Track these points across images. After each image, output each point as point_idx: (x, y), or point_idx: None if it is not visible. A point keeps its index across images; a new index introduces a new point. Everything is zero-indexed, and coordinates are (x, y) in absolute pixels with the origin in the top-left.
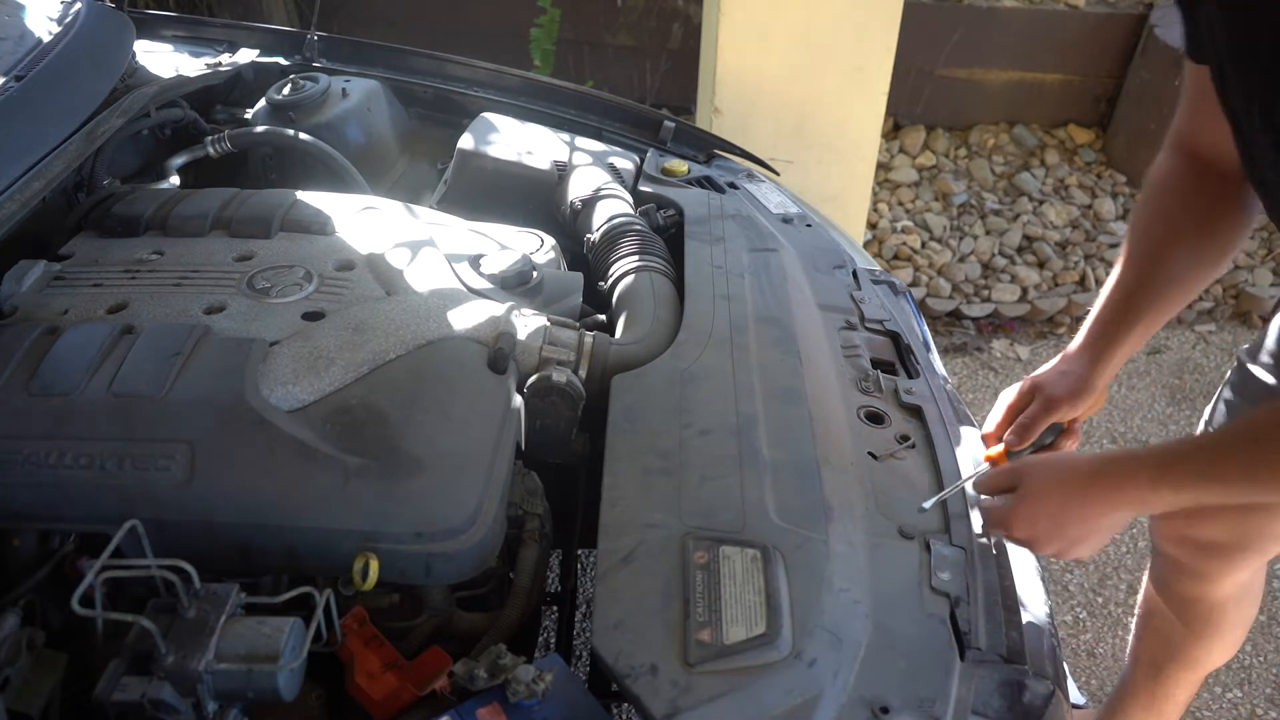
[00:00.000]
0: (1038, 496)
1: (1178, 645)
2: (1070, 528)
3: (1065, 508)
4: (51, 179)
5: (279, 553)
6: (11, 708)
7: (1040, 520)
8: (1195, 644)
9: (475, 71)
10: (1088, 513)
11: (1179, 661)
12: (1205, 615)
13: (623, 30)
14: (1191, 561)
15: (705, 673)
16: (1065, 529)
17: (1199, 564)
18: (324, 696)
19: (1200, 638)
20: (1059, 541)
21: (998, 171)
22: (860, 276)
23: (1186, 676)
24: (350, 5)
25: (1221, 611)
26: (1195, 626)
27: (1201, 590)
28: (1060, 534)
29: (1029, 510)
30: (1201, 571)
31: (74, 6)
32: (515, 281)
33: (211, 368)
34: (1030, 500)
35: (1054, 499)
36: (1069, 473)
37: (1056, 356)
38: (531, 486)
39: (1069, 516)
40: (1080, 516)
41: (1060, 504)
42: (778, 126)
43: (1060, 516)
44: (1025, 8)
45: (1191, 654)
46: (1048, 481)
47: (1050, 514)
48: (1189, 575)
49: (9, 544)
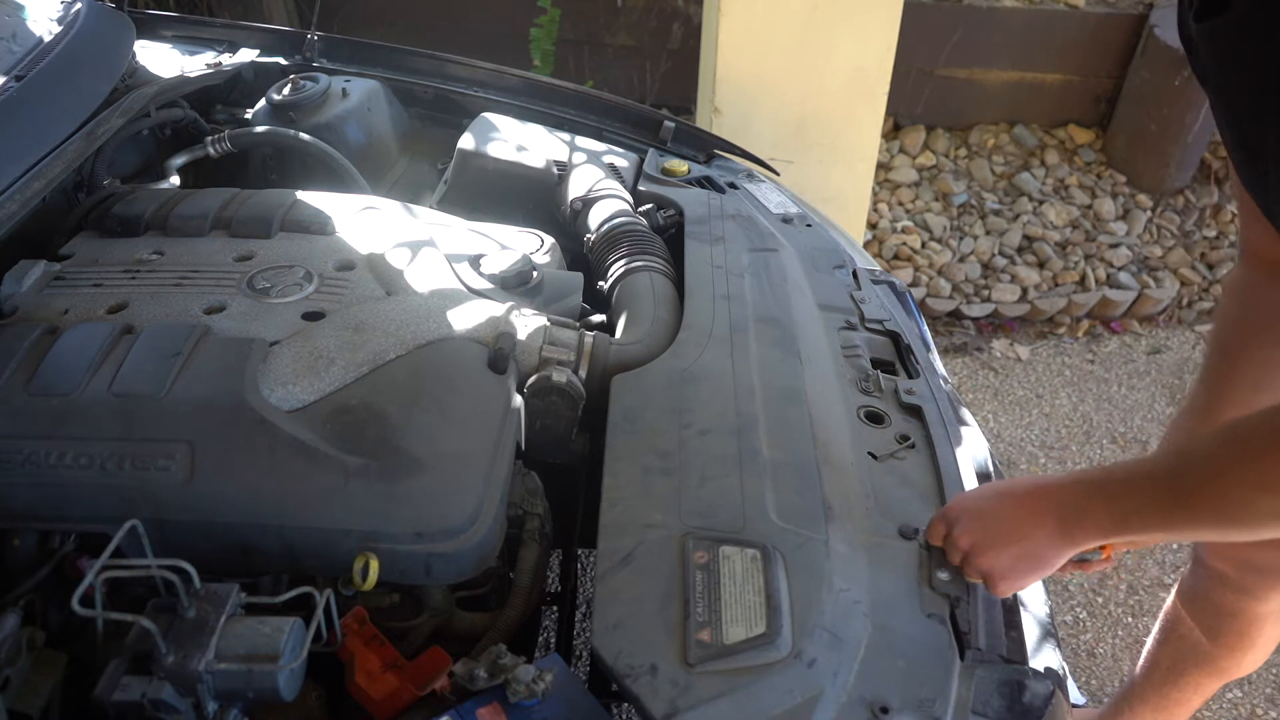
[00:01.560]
0: (970, 511)
1: (1205, 654)
2: (1002, 547)
3: (999, 520)
4: (51, 179)
5: (279, 553)
6: (11, 708)
7: (977, 533)
8: (1225, 655)
9: (475, 71)
10: (1019, 530)
11: (1204, 669)
12: (1243, 629)
13: (623, 30)
14: (1239, 577)
15: (705, 673)
16: (1001, 544)
17: (1247, 580)
18: (324, 696)
19: (1233, 650)
20: (991, 558)
21: (998, 171)
22: (860, 276)
23: (1208, 683)
24: (350, 5)
25: (1260, 627)
26: (1229, 640)
27: (1243, 605)
28: (993, 551)
29: (966, 525)
30: (1248, 587)
31: (74, 6)
32: (515, 281)
33: (211, 368)
34: (968, 521)
35: (987, 510)
36: (1007, 491)
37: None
38: (531, 486)
39: (1002, 529)
40: (1013, 533)
41: (994, 516)
42: (778, 126)
43: (993, 527)
44: (1025, 8)
45: (1220, 664)
46: (980, 496)
47: (990, 532)
48: (1234, 589)
49: (9, 544)
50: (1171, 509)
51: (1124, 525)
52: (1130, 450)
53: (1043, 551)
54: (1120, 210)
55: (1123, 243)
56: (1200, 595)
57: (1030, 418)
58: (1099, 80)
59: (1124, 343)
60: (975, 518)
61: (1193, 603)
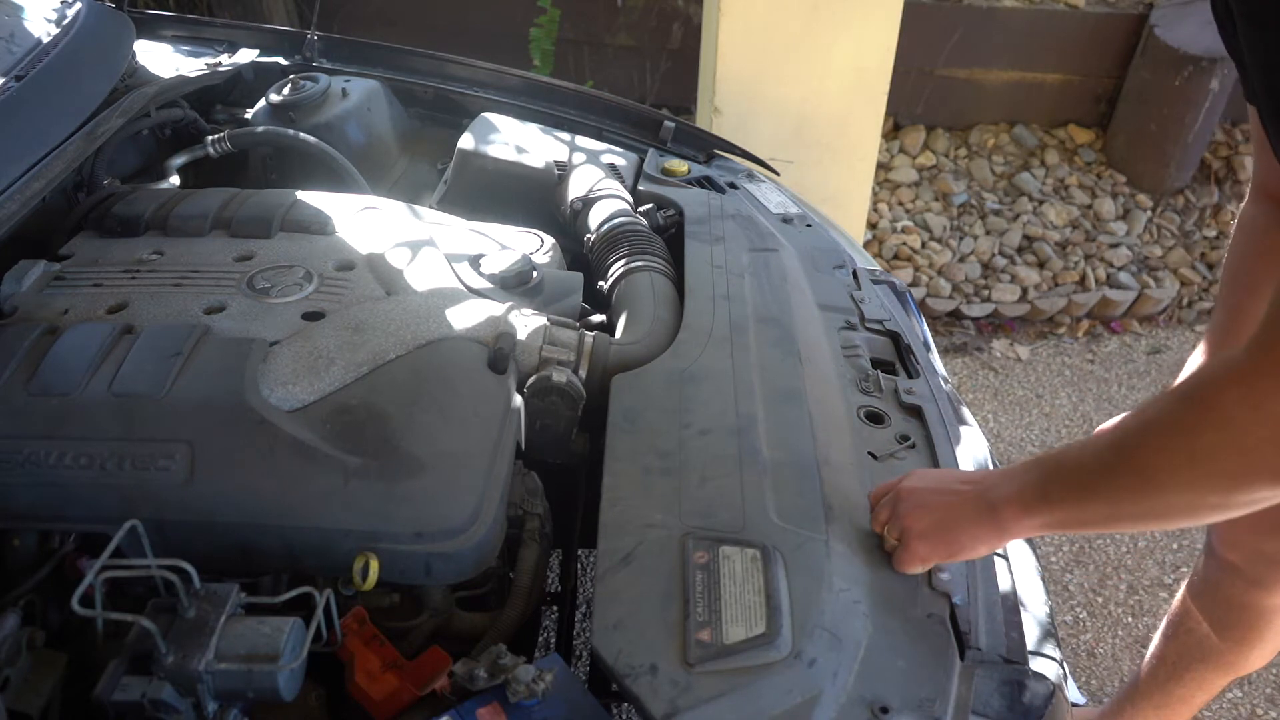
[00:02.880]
0: (917, 501)
1: (1211, 649)
2: (941, 530)
3: (945, 512)
4: (51, 179)
5: (279, 553)
6: (11, 708)
7: (922, 523)
8: (1232, 650)
9: (475, 71)
10: (961, 519)
11: (1209, 664)
12: (1251, 622)
13: (623, 30)
14: (1251, 569)
15: (705, 673)
16: (939, 532)
17: (1260, 572)
18: (324, 696)
19: (1240, 644)
20: (930, 542)
21: (998, 171)
22: (860, 276)
23: (1213, 679)
24: (350, 5)
25: (1269, 620)
26: (1237, 633)
27: (1253, 597)
28: (933, 535)
29: (906, 504)
30: (1259, 578)
31: (74, 6)
32: (515, 281)
33: (211, 368)
34: (911, 506)
35: (936, 503)
36: (948, 480)
37: None
38: (531, 486)
39: (944, 522)
40: (952, 522)
41: (934, 500)
42: (778, 126)
43: (940, 522)
44: (1025, 8)
45: (1226, 659)
46: (921, 479)
47: (930, 517)
48: (1245, 581)
49: (9, 544)
50: (1093, 473)
51: (1045, 497)
52: None
53: (977, 536)
54: (1120, 210)
55: (1123, 243)
56: (1210, 588)
57: (1030, 418)
58: (1099, 80)
59: (1124, 343)
60: (920, 503)
61: (1201, 596)
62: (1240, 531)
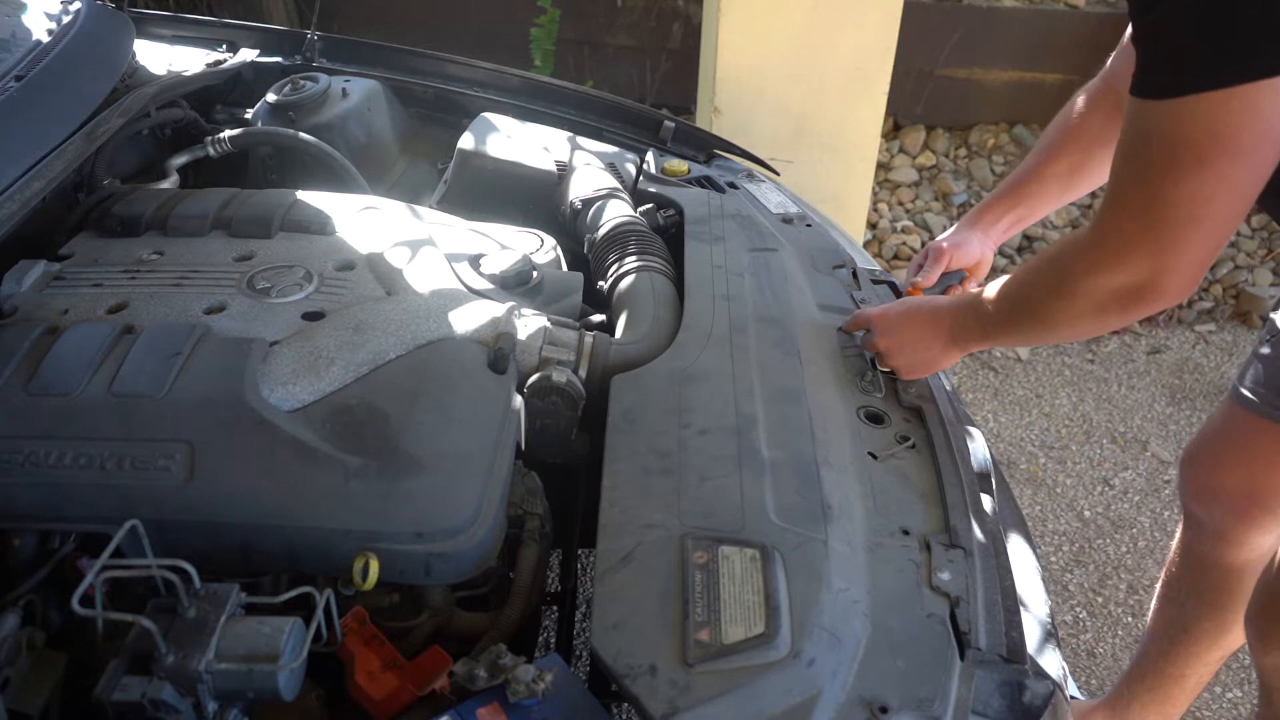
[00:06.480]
0: (888, 326)
1: (1191, 617)
2: (910, 349)
3: (908, 332)
4: (51, 179)
5: (279, 553)
6: (11, 708)
7: (892, 339)
8: (1209, 614)
9: (475, 71)
10: (924, 341)
11: (1190, 634)
12: (1220, 583)
13: (623, 30)
14: (1211, 519)
15: (704, 672)
16: (907, 351)
17: (1220, 522)
18: (324, 696)
19: (1214, 607)
20: (902, 358)
21: (998, 171)
22: (860, 276)
23: (1197, 653)
24: (350, 5)
25: (1238, 579)
26: (1211, 596)
27: (1220, 552)
28: (903, 353)
29: (884, 332)
30: (1221, 530)
31: (74, 6)
32: (515, 281)
33: (211, 368)
34: (884, 330)
35: (900, 324)
36: (913, 310)
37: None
38: (531, 486)
39: (909, 338)
40: (918, 342)
41: (905, 329)
42: (778, 126)
43: (904, 337)
44: (1025, 8)
45: (1203, 625)
46: (895, 313)
47: (901, 339)
48: (1211, 536)
49: (9, 544)
50: (1006, 316)
51: (986, 335)
52: (1130, 450)
53: (938, 357)
54: None
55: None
56: (1183, 553)
57: (1030, 418)
58: None
59: (1124, 343)
60: (891, 328)
61: (1177, 565)
62: (1196, 468)
